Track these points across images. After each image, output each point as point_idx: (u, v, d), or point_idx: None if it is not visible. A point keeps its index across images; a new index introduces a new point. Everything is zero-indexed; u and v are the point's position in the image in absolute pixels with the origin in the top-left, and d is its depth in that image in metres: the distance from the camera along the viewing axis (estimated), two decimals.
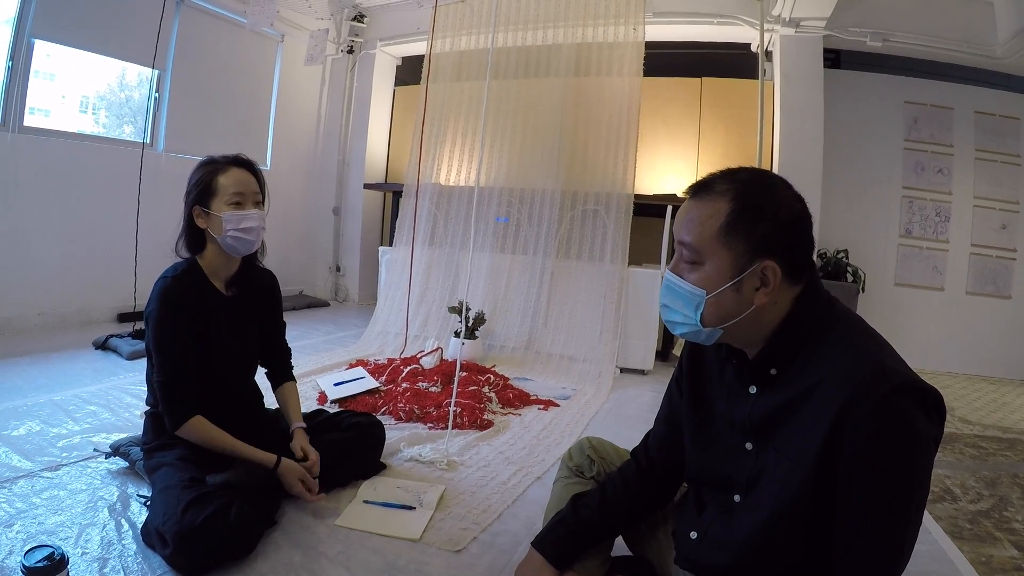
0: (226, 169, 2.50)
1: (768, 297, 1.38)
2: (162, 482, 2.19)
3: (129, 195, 5.50)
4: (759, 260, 1.37)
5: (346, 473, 2.76)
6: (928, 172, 6.42)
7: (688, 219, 1.45)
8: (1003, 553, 2.60)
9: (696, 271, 1.43)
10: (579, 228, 5.68)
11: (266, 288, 2.80)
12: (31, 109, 5.25)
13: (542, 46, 6.08)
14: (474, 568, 2.19)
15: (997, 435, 4.26)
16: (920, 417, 1.23)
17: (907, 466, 1.24)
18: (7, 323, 5.07)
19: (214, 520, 1.96)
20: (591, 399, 4.54)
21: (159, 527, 2.00)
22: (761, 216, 1.38)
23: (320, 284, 8.56)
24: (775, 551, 1.40)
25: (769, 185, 1.43)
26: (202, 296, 2.49)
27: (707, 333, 1.44)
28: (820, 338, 1.38)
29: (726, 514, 1.53)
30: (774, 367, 1.43)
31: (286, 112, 8.02)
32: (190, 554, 1.95)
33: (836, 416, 1.25)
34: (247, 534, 2.10)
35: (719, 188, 1.43)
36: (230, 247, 2.49)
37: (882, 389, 1.22)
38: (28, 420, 3.22)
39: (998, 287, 6.31)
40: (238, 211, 2.46)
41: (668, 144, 6.76)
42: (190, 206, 2.49)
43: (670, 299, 1.49)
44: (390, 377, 4.43)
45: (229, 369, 2.58)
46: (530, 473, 3.10)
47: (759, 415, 1.45)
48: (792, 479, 1.34)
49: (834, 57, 6.48)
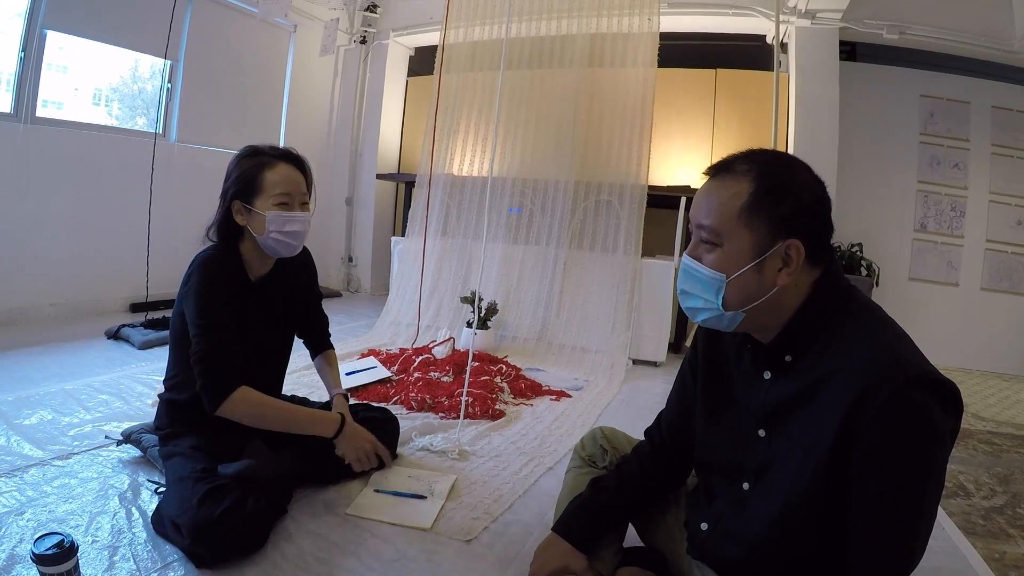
0: (274, 164, 2.39)
1: (791, 278, 1.37)
2: (175, 472, 2.18)
3: (141, 186, 5.51)
4: (781, 240, 1.35)
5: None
6: (944, 166, 6.37)
7: (708, 200, 1.43)
8: (1016, 549, 2.58)
9: (715, 253, 1.41)
10: (592, 219, 5.66)
11: (301, 265, 2.71)
12: (44, 102, 5.25)
13: (556, 36, 6.05)
14: (485, 558, 2.19)
15: (1011, 432, 4.23)
16: (936, 410, 1.21)
17: (922, 459, 1.22)
18: (20, 313, 5.08)
19: (231, 514, 1.94)
20: (603, 390, 4.53)
21: (174, 518, 2.00)
22: (784, 196, 1.36)
23: (332, 274, 8.55)
24: (787, 543, 1.38)
25: (790, 166, 1.42)
26: (237, 281, 2.39)
27: (729, 317, 1.42)
28: (838, 327, 1.36)
29: (737, 505, 1.52)
30: (789, 354, 1.42)
31: (298, 102, 8.01)
32: (207, 546, 1.94)
33: (851, 407, 1.23)
34: (263, 526, 2.10)
35: (739, 168, 1.41)
36: (271, 248, 2.40)
37: (898, 380, 1.20)
38: (40, 409, 3.23)
39: (1013, 283, 6.26)
40: (284, 212, 2.35)
41: (682, 135, 6.72)
42: (229, 199, 2.36)
43: (689, 284, 1.47)
44: (402, 367, 4.43)
45: (258, 363, 2.49)
46: (542, 463, 3.09)
47: (773, 402, 1.43)
48: (804, 469, 1.32)
49: (850, 49, 6.42)
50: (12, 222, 5.02)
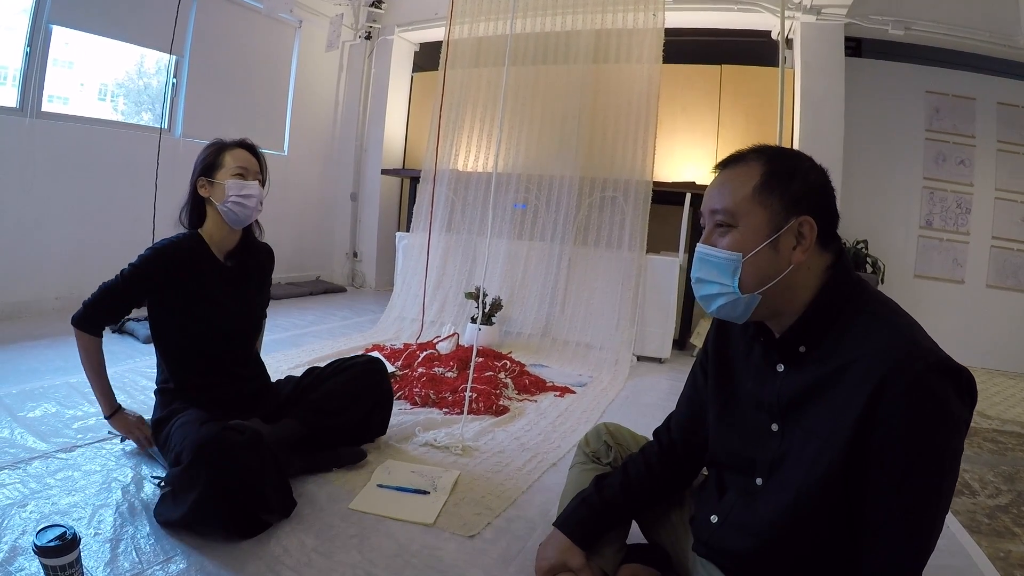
0: (232, 148, 2.66)
1: (805, 254, 1.39)
2: (179, 424, 2.30)
3: (146, 180, 5.52)
4: (795, 216, 1.39)
5: (356, 415, 2.84)
6: (949, 163, 6.35)
7: (721, 187, 1.48)
8: (1021, 549, 2.57)
9: (729, 235, 1.44)
10: (597, 215, 5.66)
11: (263, 262, 2.89)
12: (50, 97, 5.26)
13: (561, 32, 6.05)
14: (488, 553, 2.18)
15: (1016, 430, 4.22)
16: (953, 398, 1.22)
17: (941, 445, 1.23)
18: (25, 306, 5.10)
19: (231, 433, 2.10)
20: (607, 386, 4.53)
21: (177, 450, 2.14)
22: (794, 175, 1.42)
23: (337, 270, 8.58)
24: (799, 533, 1.38)
25: (796, 154, 1.50)
26: (201, 261, 2.60)
27: (746, 301, 1.43)
28: (851, 318, 1.37)
29: (748, 497, 1.52)
30: (803, 344, 1.43)
31: (304, 98, 8.02)
32: (207, 462, 2.01)
33: (872, 393, 1.24)
34: (259, 451, 2.15)
35: (750, 157, 1.47)
36: (229, 213, 2.59)
37: (918, 367, 1.21)
38: (44, 402, 3.24)
39: (1019, 280, 6.24)
40: (240, 180, 2.60)
41: (687, 131, 6.71)
42: (195, 177, 2.63)
43: (704, 271, 1.48)
44: (406, 362, 4.43)
45: (231, 331, 2.68)
46: (545, 459, 3.09)
47: (787, 394, 1.44)
48: (821, 459, 1.33)
49: (855, 45, 6.39)
50: (17, 216, 5.03)
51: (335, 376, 2.85)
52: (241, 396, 2.69)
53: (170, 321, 2.57)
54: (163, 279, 2.49)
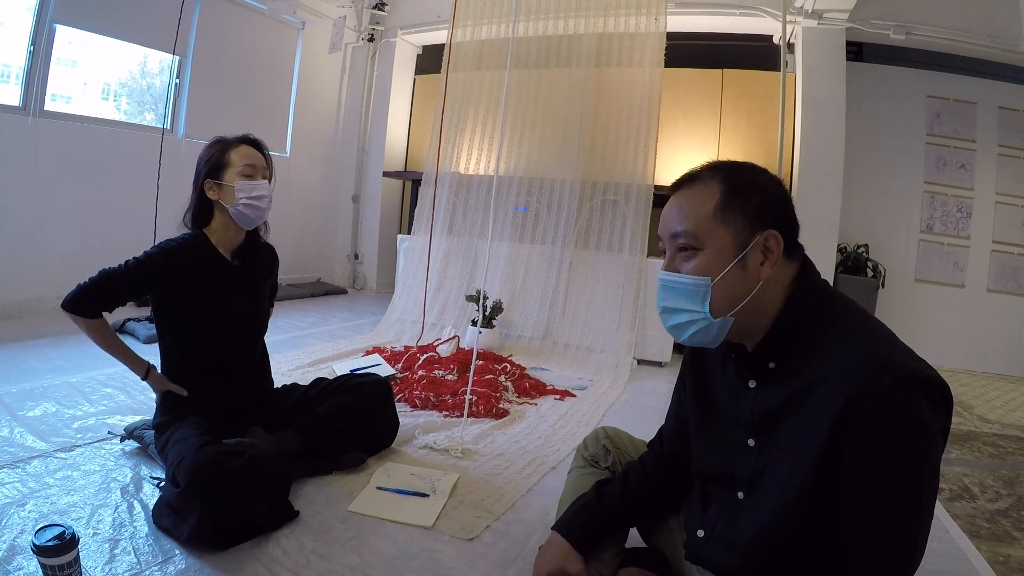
0: (237, 146, 2.61)
1: (774, 268, 1.38)
2: (177, 439, 2.28)
3: (149, 180, 5.55)
4: (759, 231, 1.37)
5: (358, 436, 2.83)
6: (950, 167, 6.35)
7: (679, 209, 1.46)
8: (1021, 553, 2.57)
9: (695, 259, 1.41)
10: (598, 218, 5.66)
11: (268, 264, 2.88)
12: (53, 96, 5.28)
13: (563, 36, 6.05)
14: (486, 557, 2.19)
15: (1016, 434, 4.21)
16: (926, 409, 1.20)
17: (915, 460, 1.21)
18: (26, 306, 5.10)
19: (228, 456, 2.07)
20: (608, 390, 4.53)
21: (174, 469, 2.10)
22: (753, 190, 1.40)
23: (338, 271, 8.58)
24: (781, 551, 1.38)
25: (752, 168, 1.47)
26: (207, 262, 2.58)
27: (718, 326, 1.40)
28: (819, 330, 1.36)
29: (731, 512, 1.51)
30: (772, 360, 1.41)
31: (306, 100, 8.04)
32: (203, 485, 2.00)
33: (838, 414, 1.23)
34: (257, 473, 2.13)
35: (705, 175, 1.45)
36: (240, 215, 2.57)
37: (885, 383, 1.19)
38: (44, 401, 3.25)
39: (1020, 284, 6.23)
40: (250, 180, 2.56)
41: (688, 135, 6.70)
42: (201, 179, 2.58)
43: (671, 300, 1.45)
44: (406, 364, 4.43)
45: (237, 330, 2.68)
46: (545, 463, 3.09)
47: (760, 411, 1.42)
48: (794, 478, 1.32)
49: (856, 50, 6.40)
50: (19, 215, 5.05)
51: (342, 394, 2.84)
52: (244, 400, 2.69)
53: (176, 320, 2.57)
54: (168, 276, 2.47)
